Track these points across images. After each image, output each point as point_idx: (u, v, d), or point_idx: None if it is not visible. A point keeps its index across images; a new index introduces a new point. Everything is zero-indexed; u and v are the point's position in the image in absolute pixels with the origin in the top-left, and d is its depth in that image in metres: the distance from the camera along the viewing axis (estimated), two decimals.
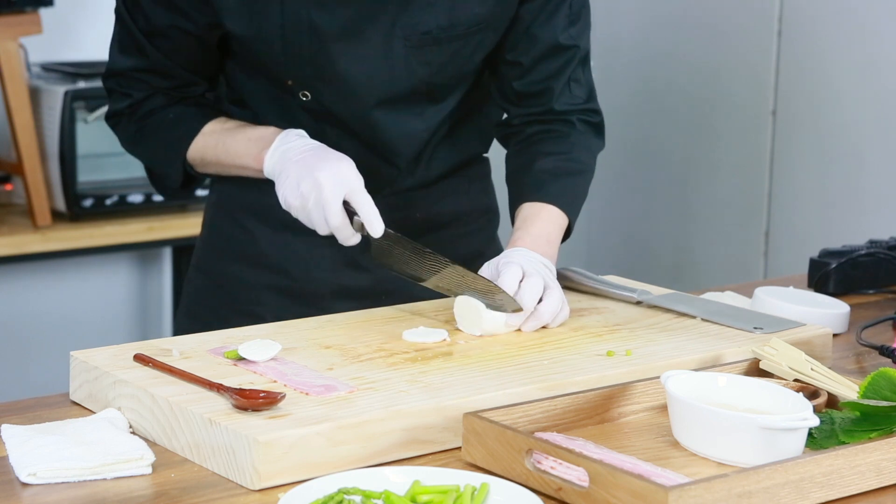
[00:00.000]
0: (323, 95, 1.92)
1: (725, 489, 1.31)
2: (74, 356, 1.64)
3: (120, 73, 1.99)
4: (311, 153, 1.84)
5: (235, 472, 1.42)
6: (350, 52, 1.89)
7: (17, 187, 3.65)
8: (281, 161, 1.86)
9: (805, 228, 3.84)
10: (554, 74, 1.99)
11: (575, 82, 2.01)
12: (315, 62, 1.89)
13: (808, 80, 3.81)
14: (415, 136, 1.98)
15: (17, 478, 1.41)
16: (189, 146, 1.97)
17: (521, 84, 1.99)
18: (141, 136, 2.01)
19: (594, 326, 1.82)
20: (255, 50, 1.91)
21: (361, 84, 1.91)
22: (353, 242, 1.83)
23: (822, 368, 1.63)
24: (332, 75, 1.90)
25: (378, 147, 1.97)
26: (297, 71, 1.90)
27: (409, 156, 1.99)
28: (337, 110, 1.93)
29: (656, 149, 4.29)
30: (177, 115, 1.98)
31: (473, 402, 1.52)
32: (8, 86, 3.47)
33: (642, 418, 1.58)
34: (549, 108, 2.00)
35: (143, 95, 1.98)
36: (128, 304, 4.06)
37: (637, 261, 4.35)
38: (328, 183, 1.79)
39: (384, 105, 1.93)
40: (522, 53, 1.97)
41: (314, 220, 1.82)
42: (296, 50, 1.88)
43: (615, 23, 4.35)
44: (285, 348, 1.67)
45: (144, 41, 1.94)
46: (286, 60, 1.89)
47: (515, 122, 2.03)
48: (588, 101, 2.03)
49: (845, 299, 2.09)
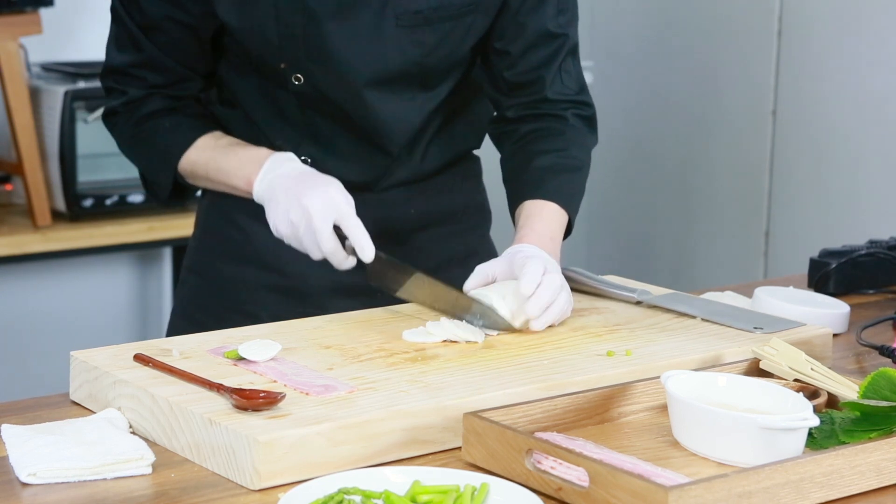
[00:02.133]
0: (315, 77, 1.93)
1: (725, 489, 1.31)
2: (74, 356, 1.64)
3: (117, 70, 2.00)
4: (298, 179, 1.85)
5: (235, 472, 1.42)
6: (342, 31, 1.90)
7: (17, 187, 3.65)
8: (269, 188, 1.87)
9: (805, 228, 3.84)
10: (544, 63, 2.00)
11: (566, 73, 2.02)
12: (308, 42, 1.90)
13: (808, 80, 3.81)
14: (407, 120, 1.98)
15: (17, 478, 1.41)
16: (181, 158, 1.98)
17: (511, 74, 2.00)
18: (136, 141, 2.02)
19: (594, 326, 1.82)
20: (248, 35, 1.91)
21: (353, 63, 1.92)
22: (348, 266, 1.84)
23: (822, 368, 1.63)
24: (324, 55, 1.91)
25: (370, 132, 1.97)
26: (291, 53, 1.91)
27: (402, 142, 2.00)
28: (329, 92, 1.94)
29: (656, 149, 4.29)
30: (173, 124, 1.99)
31: (473, 402, 1.52)
32: (8, 86, 3.47)
33: (642, 418, 1.58)
34: (541, 96, 2.01)
35: (140, 94, 1.99)
36: (128, 304, 4.06)
37: (637, 261, 4.35)
38: (317, 210, 1.81)
39: (376, 85, 1.94)
40: (511, 42, 1.98)
41: (307, 246, 1.83)
42: (289, 30, 1.89)
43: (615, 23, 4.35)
44: (285, 348, 1.67)
45: (140, 35, 1.95)
46: (280, 42, 1.91)
47: (510, 114, 2.03)
48: (580, 92, 2.04)
49: (845, 299, 2.09)
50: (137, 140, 2.01)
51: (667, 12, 4.20)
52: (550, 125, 2.01)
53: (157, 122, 1.99)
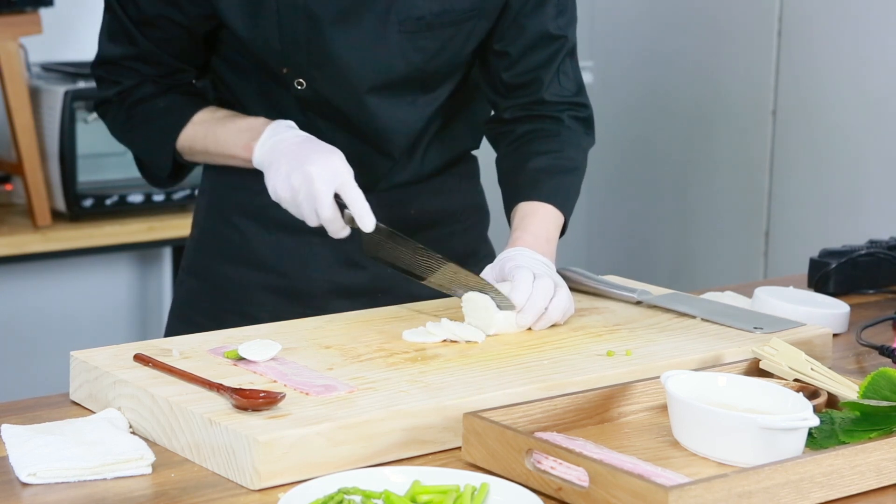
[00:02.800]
0: (317, 82, 1.93)
1: (725, 489, 1.31)
2: (74, 356, 1.64)
3: (109, 62, 2.00)
4: (301, 145, 1.85)
5: (235, 472, 1.42)
6: (345, 37, 1.90)
7: (17, 187, 3.65)
8: (271, 152, 1.86)
9: (805, 228, 3.84)
10: (542, 64, 2.00)
11: (563, 74, 2.02)
12: (310, 47, 1.90)
13: (808, 80, 3.81)
14: (408, 124, 1.99)
15: (17, 478, 1.41)
16: (179, 135, 1.97)
17: (509, 75, 2.00)
18: (130, 125, 2.01)
19: (594, 326, 1.82)
20: (250, 40, 1.91)
21: (355, 69, 1.92)
22: (344, 235, 1.83)
23: (822, 368, 1.63)
24: (326, 60, 1.91)
25: (371, 136, 1.97)
26: (293, 58, 1.91)
27: (403, 145, 2.00)
28: (331, 97, 1.94)
29: (656, 149, 4.29)
30: (167, 103, 1.98)
31: (473, 402, 1.52)
32: (8, 86, 3.47)
33: (642, 418, 1.58)
34: (538, 98, 2.01)
35: (133, 83, 1.99)
36: (128, 304, 4.06)
37: (637, 261, 4.35)
38: (319, 176, 1.80)
39: (378, 91, 1.94)
40: (510, 43, 1.98)
41: (304, 212, 1.82)
42: (292, 36, 1.89)
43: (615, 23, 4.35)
44: (285, 348, 1.67)
45: (134, 29, 1.95)
46: (283, 48, 1.90)
47: (506, 115, 2.03)
48: (577, 94, 2.05)
49: (845, 299, 2.09)
50: (132, 123, 2.00)
51: (667, 12, 4.20)
52: (546, 126, 2.02)
53: (150, 104, 1.98)
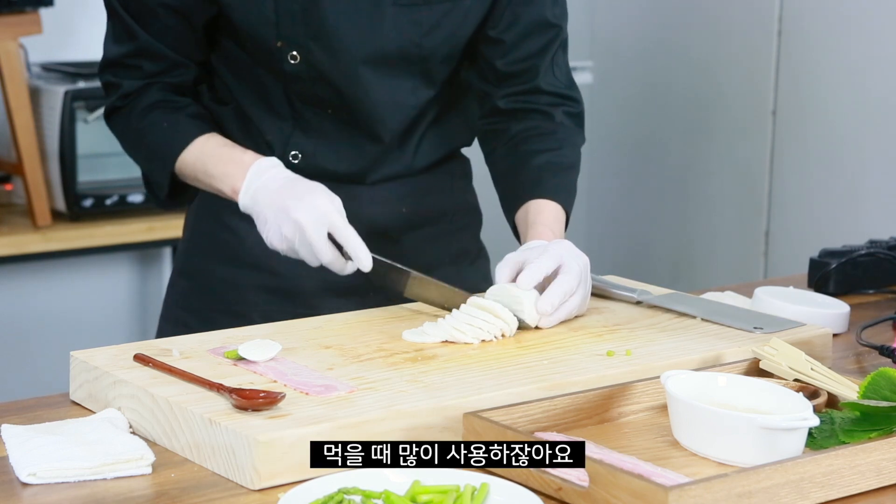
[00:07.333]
0: (312, 55, 1.94)
1: (725, 489, 1.31)
2: (74, 356, 1.64)
3: (113, 63, 2.00)
4: (281, 191, 1.84)
5: (235, 472, 1.42)
6: (341, 7, 1.91)
7: (17, 187, 3.65)
8: (254, 202, 1.86)
9: (805, 228, 3.84)
10: (538, 52, 2.01)
11: (557, 66, 2.04)
12: (305, 17, 1.91)
13: (808, 80, 3.81)
14: (401, 104, 1.99)
15: (17, 478, 1.41)
16: (177, 159, 1.97)
17: (503, 63, 2.01)
18: (136, 142, 2.02)
19: (594, 326, 1.82)
20: (246, 13, 1.92)
21: (351, 40, 1.93)
22: (350, 272, 1.83)
23: (822, 368, 1.63)
24: (322, 31, 1.92)
25: (363, 116, 1.97)
26: (288, 29, 1.92)
27: (394, 129, 2.00)
28: (325, 71, 1.94)
29: (656, 149, 4.29)
30: (171, 123, 1.99)
31: (473, 402, 1.52)
32: (8, 86, 3.47)
33: (642, 418, 1.58)
34: (534, 85, 2.02)
35: (137, 85, 1.99)
36: (128, 304, 4.06)
37: (637, 261, 4.35)
38: (308, 222, 1.80)
39: (372, 64, 1.95)
40: (505, 31, 1.99)
41: (305, 257, 1.83)
42: (287, 6, 1.90)
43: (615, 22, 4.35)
44: (285, 348, 1.67)
45: (133, 24, 1.96)
46: (277, 19, 1.91)
47: (501, 104, 2.04)
48: (569, 87, 2.06)
49: (845, 299, 2.09)
50: (138, 140, 2.02)
51: (667, 12, 4.20)
52: (541, 124, 2.02)
53: (155, 120, 1.99)
